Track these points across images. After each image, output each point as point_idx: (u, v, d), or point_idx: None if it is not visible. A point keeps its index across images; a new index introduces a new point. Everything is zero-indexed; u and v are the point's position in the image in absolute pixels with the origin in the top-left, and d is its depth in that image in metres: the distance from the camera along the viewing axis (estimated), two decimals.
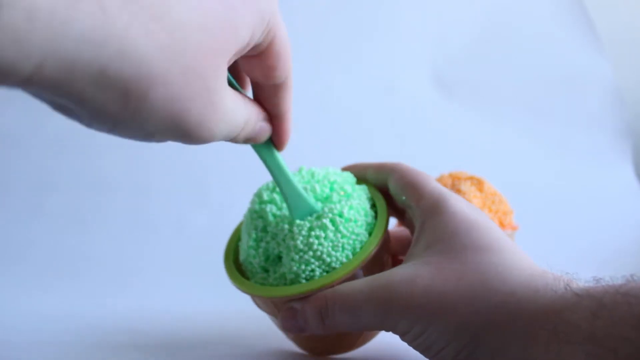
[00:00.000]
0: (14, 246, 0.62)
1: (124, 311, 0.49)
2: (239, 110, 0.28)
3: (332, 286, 0.32)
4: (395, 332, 0.31)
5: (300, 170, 0.37)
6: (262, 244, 0.35)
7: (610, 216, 0.74)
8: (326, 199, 0.35)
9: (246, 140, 0.30)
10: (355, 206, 0.34)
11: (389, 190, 0.36)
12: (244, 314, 0.46)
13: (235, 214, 0.45)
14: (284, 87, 0.30)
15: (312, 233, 0.33)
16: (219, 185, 0.70)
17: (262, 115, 0.31)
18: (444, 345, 0.29)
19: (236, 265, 0.37)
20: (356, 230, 0.34)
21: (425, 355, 0.31)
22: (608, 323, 0.25)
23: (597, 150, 0.86)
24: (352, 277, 0.33)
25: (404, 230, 0.40)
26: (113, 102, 0.22)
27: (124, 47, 0.21)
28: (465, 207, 0.32)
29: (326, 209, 0.34)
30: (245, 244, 0.36)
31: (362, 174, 0.38)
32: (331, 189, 0.36)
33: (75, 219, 0.66)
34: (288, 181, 0.34)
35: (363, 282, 0.31)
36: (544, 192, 0.76)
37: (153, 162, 0.72)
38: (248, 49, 0.26)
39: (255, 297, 0.35)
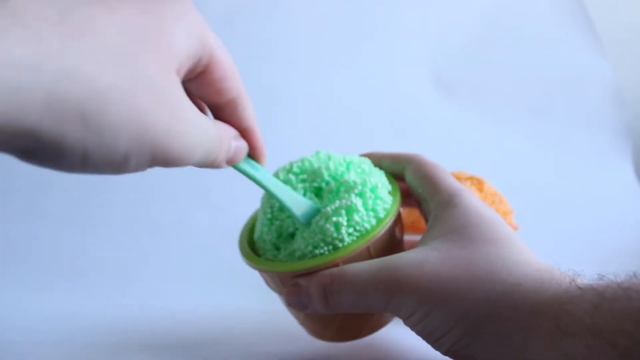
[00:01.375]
0: (14, 246, 0.61)
1: (124, 311, 0.49)
2: (209, 128, 0.28)
3: (337, 264, 0.32)
4: (399, 315, 0.31)
5: (317, 153, 0.38)
6: (276, 222, 0.35)
7: (610, 216, 0.74)
8: (341, 176, 0.36)
9: (228, 161, 0.30)
10: (384, 184, 0.35)
11: (406, 181, 0.37)
12: (244, 314, 0.46)
13: (235, 214, 0.45)
14: (239, 101, 0.31)
15: (333, 219, 0.32)
16: (219, 185, 0.70)
17: (233, 132, 0.31)
18: (446, 331, 0.30)
19: (251, 244, 0.37)
20: (379, 208, 0.34)
21: (427, 340, 0.31)
22: (608, 316, 0.25)
23: (597, 150, 0.86)
24: (358, 256, 0.33)
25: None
26: (73, 129, 0.21)
27: (65, 67, 0.21)
28: (477, 203, 0.33)
29: (355, 181, 0.34)
30: (260, 222, 0.36)
31: (377, 163, 0.39)
32: (347, 168, 0.36)
33: (75, 219, 0.66)
34: (282, 191, 0.34)
35: (370, 263, 0.32)
36: (544, 192, 0.76)
37: None
38: (189, 63, 0.27)
39: (263, 273, 0.35)
